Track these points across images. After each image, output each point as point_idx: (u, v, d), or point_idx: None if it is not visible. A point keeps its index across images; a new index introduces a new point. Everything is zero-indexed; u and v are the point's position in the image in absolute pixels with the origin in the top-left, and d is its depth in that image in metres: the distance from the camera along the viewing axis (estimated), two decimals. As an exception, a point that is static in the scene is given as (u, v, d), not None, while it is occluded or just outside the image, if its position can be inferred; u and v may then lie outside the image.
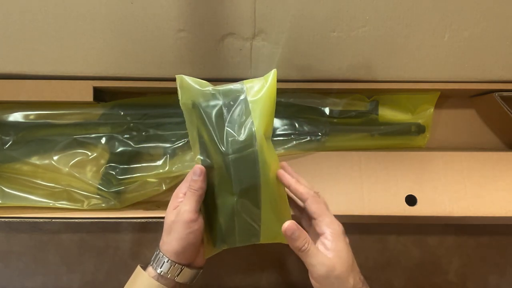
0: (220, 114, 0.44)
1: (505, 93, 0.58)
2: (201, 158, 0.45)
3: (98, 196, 0.62)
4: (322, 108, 0.62)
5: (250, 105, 0.44)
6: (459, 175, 0.57)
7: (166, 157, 0.61)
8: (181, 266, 0.44)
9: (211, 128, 0.44)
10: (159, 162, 0.61)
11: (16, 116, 0.60)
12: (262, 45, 0.55)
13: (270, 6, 0.53)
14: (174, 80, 0.56)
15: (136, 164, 0.62)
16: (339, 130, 0.62)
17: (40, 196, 0.61)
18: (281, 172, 0.44)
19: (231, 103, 0.45)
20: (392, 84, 0.57)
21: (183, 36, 0.54)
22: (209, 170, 0.44)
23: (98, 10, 0.53)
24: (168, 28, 0.53)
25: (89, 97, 0.56)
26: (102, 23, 0.53)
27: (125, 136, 0.62)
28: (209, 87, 0.46)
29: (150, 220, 0.56)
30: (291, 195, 0.47)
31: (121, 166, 0.62)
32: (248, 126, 0.43)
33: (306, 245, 0.41)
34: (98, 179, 0.62)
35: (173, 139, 0.61)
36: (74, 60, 0.54)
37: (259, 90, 0.45)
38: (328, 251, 0.41)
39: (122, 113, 0.61)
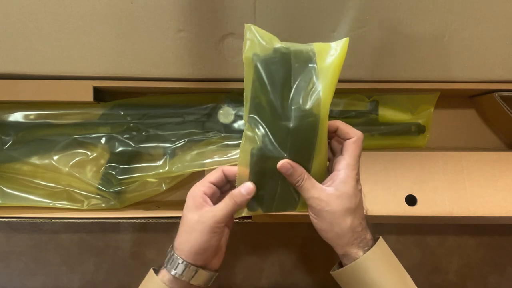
0: (287, 76, 0.42)
1: (505, 93, 0.58)
2: (253, 117, 0.42)
3: (98, 196, 0.62)
4: (322, 108, 0.62)
5: (319, 71, 0.42)
6: (459, 175, 0.57)
7: (166, 157, 0.61)
8: (196, 268, 0.43)
9: (273, 90, 0.42)
10: (159, 162, 0.61)
11: (16, 116, 0.60)
12: (262, 45, 0.55)
13: (270, 6, 0.53)
14: (174, 80, 0.56)
15: (136, 164, 0.62)
16: (339, 130, 0.62)
17: (40, 196, 0.61)
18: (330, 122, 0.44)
19: (301, 66, 0.42)
20: (392, 84, 0.57)
21: (183, 36, 0.54)
22: (260, 133, 0.42)
23: (98, 10, 0.53)
24: (168, 28, 0.53)
25: (89, 97, 0.56)
26: (102, 23, 0.53)
27: (125, 136, 0.62)
28: (278, 44, 0.42)
29: (150, 220, 0.56)
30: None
31: (121, 166, 0.62)
32: (315, 94, 0.41)
33: (300, 181, 0.42)
34: (98, 179, 0.62)
35: (173, 139, 0.61)
36: (74, 60, 0.54)
37: (329, 57, 0.42)
38: (332, 188, 0.42)
39: (122, 113, 0.61)
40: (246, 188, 0.43)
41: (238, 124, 0.61)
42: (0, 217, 0.55)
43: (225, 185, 0.47)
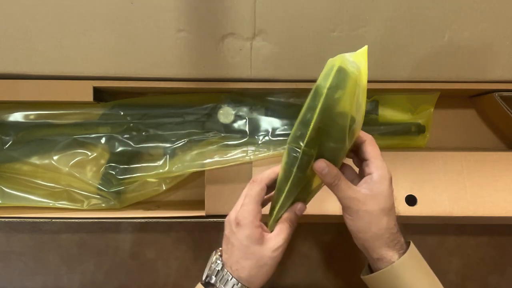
0: (353, 104, 0.40)
1: (505, 93, 0.57)
2: (306, 151, 0.40)
3: (98, 196, 0.62)
4: (322, 108, 0.62)
5: (362, 89, 0.41)
6: (459, 175, 0.57)
7: (166, 157, 0.61)
8: None
9: (342, 121, 0.39)
10: (159, 162, 0.61)
11: (16, 116, 0.60)
12: (262, 45, 0.55)
13: (270, 6, 0.53)
14: (174, 80, 0.56)
15: (136, 164, 0.62)
16: (339, 130, 0.62)
17: (40, 196, 0.61)
18: None
19: (357, 90, 0.40)
20: (392, 84, 0.57)
21: (183, 36, 0.54)
22: (310, 160, 0.41)
23: (98, 10, 0.53)
24: (168, 28, 0.53)
25: (89, 97, 0.56)
26: (102, 23, 0.53)
27: (125, 136, 0.62)
28: (349, 69, 0.38)
29: (150, 220, 0.56)
30: None
31: (121, 166, 0.62)
32: (361, 112, 0.41)
33: (336, 180, 0.42)
34: (98, 179, 0.62)
35: (173, 139, 0.61)
36: (74, 60, 0.54)
37: (364, 72, 0.40)
38: (367, 189, 0.42)
39: (122, 113, 0.61)
40: (299, 209, 0.44)
41: (238, 124, 0.61)
42: (0, 217, 0.55)
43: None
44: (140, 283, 0.67)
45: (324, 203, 0.55)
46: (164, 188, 0.62)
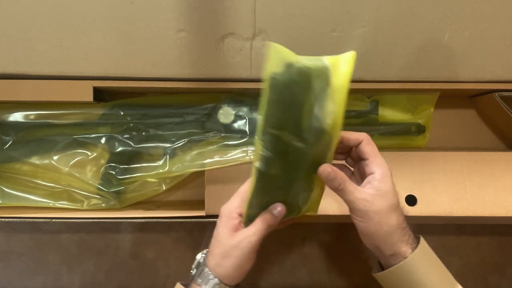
0: (308, 97, 0.40)
1: (505, 93, 0.58)
2: (269, 136, 0.40)
3: (98, 196, 0.62)
4: (322, 108, 0.62)
5: (334, 91, 0.40)
6: (459, 175, 0.57)
7: (166, 157, 0.61)
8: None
9: (293, 111, 0.39)
10: (159, 162, 0.61)
11: (16, 116, 0.60)
12: (262, 45, 0.55)
13: (270, 6, 0.53)
14: (174, 80, 0.56)
15: (136, 164, 0.62)
16: (339, 130, 0.62)
17: (40, 196, 0.61)
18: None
19: (321, 87, 0.40)
20: (392, 84, 0.57)
21: (183, 36, 0.54)
22: (274, 157, 0.41)
23: (98, 10, 0.53)
24: (168, 28, 0.53)
25: (89, 97, 0.56)
26: (102, 23, 0.53)
27: (125, 136, 0.62)
28: (301, 63, 0.40)
29: (150, 220, 0.56)
30: None
31: (121, 166, 0.62)
32: (330, 114, 0.40)
33: (342, 184, 0.42)
34: (98, 179, 0.62)
35: (173, 139, 0.61)
36: (74, 60, 0.54)
37: (341, 75, 0.40)
38: (372, 189, 0.42)
39: (122, 113, 0.61)
40: (278, 211, 0.43)
41: (238, 124, 0.61)
42: (0, 217, 0.55)
43: None
44: (140, 283, 0.67)
45: (324, 203, 0.55)
46: (164, 188, 0.62)
